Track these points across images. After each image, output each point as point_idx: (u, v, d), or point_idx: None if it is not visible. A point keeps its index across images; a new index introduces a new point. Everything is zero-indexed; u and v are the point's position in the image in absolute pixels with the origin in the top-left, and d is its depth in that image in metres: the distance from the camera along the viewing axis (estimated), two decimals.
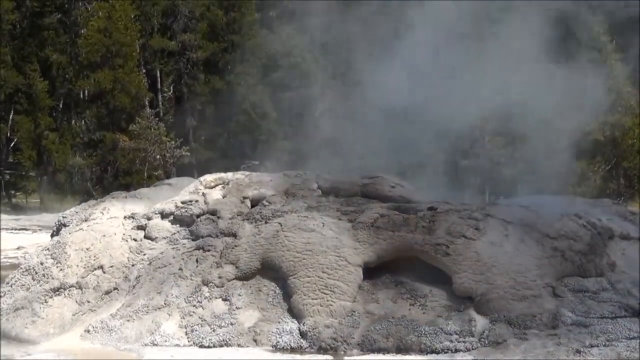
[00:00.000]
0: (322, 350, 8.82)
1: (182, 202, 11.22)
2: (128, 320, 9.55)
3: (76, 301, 10.22)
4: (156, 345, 9.17)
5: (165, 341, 9.22)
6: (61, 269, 10.71)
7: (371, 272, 9.71)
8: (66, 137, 43.90)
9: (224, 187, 11.60)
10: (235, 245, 10.10)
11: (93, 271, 10.57)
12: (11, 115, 44.17)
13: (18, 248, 21.54)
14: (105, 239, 10.98)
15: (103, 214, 11.53)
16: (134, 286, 10.22)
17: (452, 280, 9.32)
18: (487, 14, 16.02)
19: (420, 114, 14.82)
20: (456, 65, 15.53)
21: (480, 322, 8.89)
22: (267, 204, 10.87)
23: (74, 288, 10.38)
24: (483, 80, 14.86)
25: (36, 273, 10.88)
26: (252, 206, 11.07)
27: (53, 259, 10.94)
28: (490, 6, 15.93)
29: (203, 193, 11.47)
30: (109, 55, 41.19)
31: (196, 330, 9.31)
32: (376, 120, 15.72)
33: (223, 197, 11.31)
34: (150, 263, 10.49)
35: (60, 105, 46.83)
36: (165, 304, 9.68)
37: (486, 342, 8.64)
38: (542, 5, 16.03)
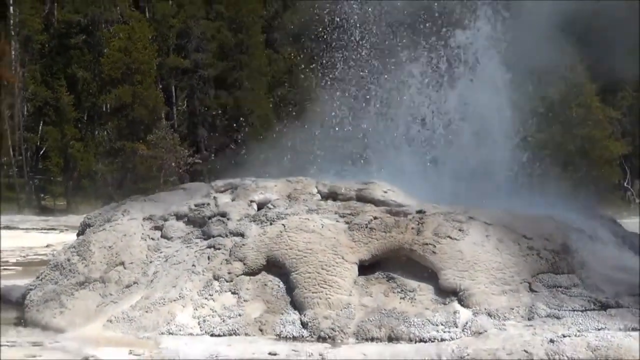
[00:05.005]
0: (321, 339, 8.82)
1: (195, 205, 11.23)
2: (146, 312, 9.54)
3: (99, 294, 10.22)
4: (172, 334, 9.17)
5: (180, 330, 9.22)
6: (86, 265, 10.71)
7: (365, 269, 9.72)
8: (90, 146, 44.04)
9: (232, 192, 11.60)
10: (243, 244, 10.11)
11: (115, 267, 10.58)
12: (40, 126, 44.32)
13: (47, 246, 21.59)
14: (126, 238, 10.98)
15: (124, 215, 11.53)
16: (151, 281, 10.21)
17: (438, 276, 9.33)
18: None
19: None
20: None
21: (464, 314, 8.89)
22: (271, 207, 10.87)
23: (98, 282, 10.38)
24: None
25: (63, 269, 10.89)
26: (258, 209, 11.07)
27: (79, 255, 10.94)
28: None
29: (214, 197, 11.47)
30: (129, 72, 41.36)
31: (208, 321, 9.31)
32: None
33: (232, 201, 11.31)
34: (166, 260, 10.50)
35: (85, 117, 46.99)
36: (179, 296, 9.68)
37: (469, 332, 8.64)
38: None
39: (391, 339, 8.72)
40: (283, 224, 10.17)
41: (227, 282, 9.79)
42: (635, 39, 27.91)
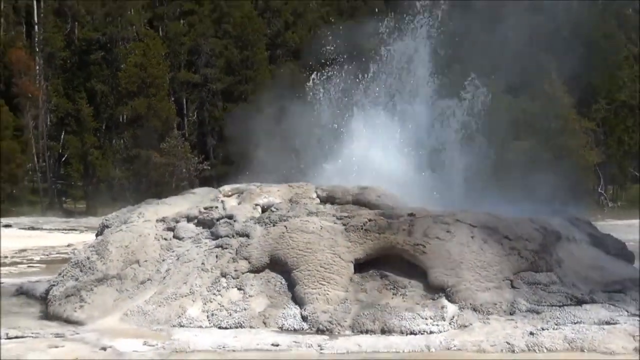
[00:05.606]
0: (319, 331, 8.82)
1: (205, 208, 11.24)
2: (159, 306, 9.55)
3: (116, 290, 10.22)
4: (182, 326, 9.18)
5: (190, 323, 9.23)
6: (104, 263, 10.71)
7: (361, 267, 9.72)
8: (108, 154, 44.10)
9: (239, 196, 11.61)
10: (248, 244, 10.12)
11: (130, 265, 10.58)
12: (62, 135, 44.37)
13: (68, 245, 21.61)
14: (141, 238, 10.98)
15: (139, 217, 11.53)
16: (164, 277, 10.22)
17: (428, 274, 9.34)
18: None
19: None
20: None
21: (451, 309, 8.90)
22: (274, 209, 10.89)
23: (115, 279, 10.38)
24: None
25: (83, 266, 10.88)
26: (262, 212, 11.08)
27: (97, 254, 10.94)
28: None
29: (222, 201, 11.48)
30: (144, 86, 41.46)
31: (216, 314, 9.32)
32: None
33: (238, 204, 11.32)
34: (178, 258, 10.50)
35: (103, 127, 47.03)
36: (190, 292, 9.69)
37: (455, 325, 8.66)
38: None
39: (384, 331, 8.72)
40: (285, 226, 10.17)
41: (233, 279, 9.79)
42: None
